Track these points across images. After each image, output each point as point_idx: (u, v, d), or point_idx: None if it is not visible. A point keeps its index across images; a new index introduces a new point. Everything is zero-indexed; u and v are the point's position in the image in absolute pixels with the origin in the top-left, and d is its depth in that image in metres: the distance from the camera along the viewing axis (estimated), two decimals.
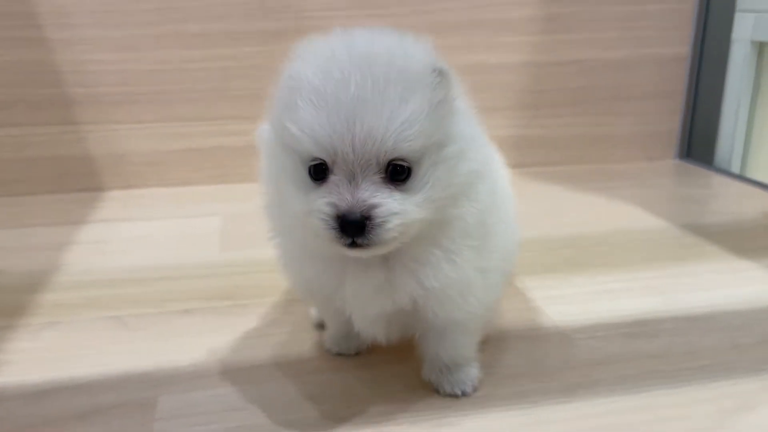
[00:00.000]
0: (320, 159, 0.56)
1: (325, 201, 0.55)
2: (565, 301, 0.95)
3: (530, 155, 1.75)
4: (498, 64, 1.67)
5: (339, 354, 0.80)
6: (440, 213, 0.59)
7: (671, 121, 1.80)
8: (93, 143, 1.52)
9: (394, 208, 0.55)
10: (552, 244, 1.19)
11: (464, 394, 0.71)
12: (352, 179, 0.55)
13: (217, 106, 1.56)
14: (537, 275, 1.04)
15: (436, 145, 0.57)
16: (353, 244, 0.55)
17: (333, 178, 0.55)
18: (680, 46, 1.73)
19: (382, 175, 0.55)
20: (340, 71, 0.54)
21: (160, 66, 1.52)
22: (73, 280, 1.03)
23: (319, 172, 0.56)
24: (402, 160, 0.55)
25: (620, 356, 0.80)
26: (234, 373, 0.77)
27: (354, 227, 0.54)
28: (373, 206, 0.54)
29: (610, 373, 0.77)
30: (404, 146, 0.54)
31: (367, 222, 0.54)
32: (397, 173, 0.56)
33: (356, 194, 0.54)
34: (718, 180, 1.63)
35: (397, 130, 0.54)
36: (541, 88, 1.71)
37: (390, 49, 0.57)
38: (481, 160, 0.62)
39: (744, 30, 1.66)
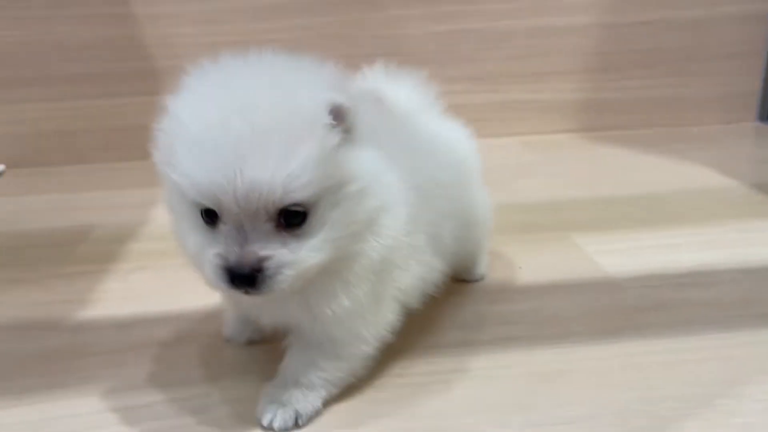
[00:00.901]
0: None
1: (214, 252, 0.52)
2: (620, 254, 0.96)
3: (600, 119, 1.73)
4: (565, 26, 1.66)
5: (228, 340, 0.77)
6: (342, 251, 0.55)
7: (751, 83, 1.73)
8: None
9: (286, 259, 0.51)
10: (613, 202, 1.19)
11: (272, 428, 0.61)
12: (240, 229, 0.51)
13: None
14: (594, 231, 1.06)
15: (335, 186, 0.53)
16: (246, 292, 0.52)
17: (222, 227, 0.52)
18: (760, 2, 1.66)
19: (274, 223, 0.51)
20: (218, 116, 0.50)
21: (237, 38, 1.60)
22: (159, 233, 1.13)
23: (210, 215, 0.52)
24: (295, 205, 0.51)
25: (670, 303, 0.82)
26: None
27: (244, 280, 0.51)
28: (263, 259, 0.51)
29: (657, 318, 0.79)
30: (294, 196, 0.50)
31: (258, 275, 0.51)
32: (291, 218, 0.52)
33: (245, 246, 0.51)
34: None
35: (285, 182, 0.49)
36: (611, 51, 1.69)
37: (276, 89, 0.52)
38: (387, 194, 0.57)
39: None
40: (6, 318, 0.85)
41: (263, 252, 0.51)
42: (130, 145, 1.63)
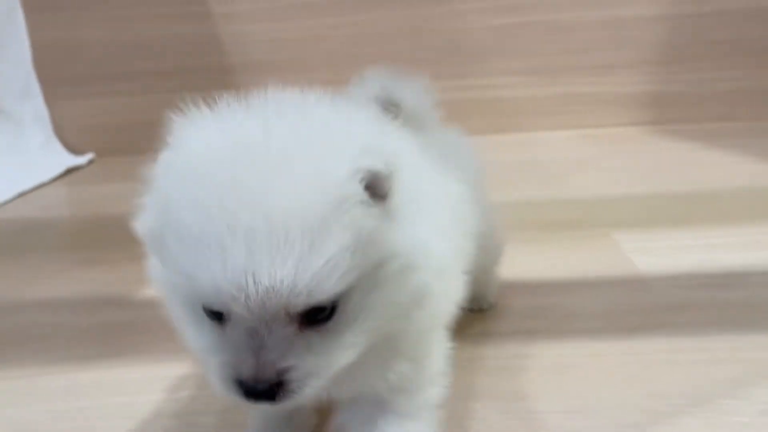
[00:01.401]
0: None
1: (221, 361, 0.42)
2: (656, 253, 0.97)
3: (667, 112, 1.70)
4: (633, 17, 1.64)
5: None
6: (381, 336, 0.46)
7: None
8: None
9: (313, 368, 0.42)
10: (662, 200, 1.19)
11: None
12: (254, 333, 0.41)
13: (352, 70, 1.69)
14: (636, 229, 1.06)
15: (371, 268, 0.43)
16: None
17: (231, 328, 0.42)
18: None
19: (296, 325, 0.41)
20: (220, 202, 0.39)
21: (303, 33, 1.68)
22: None
23: (214, 312, 0.42)
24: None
25: (696, 303, 0.82)
26: None
27: (261, 395, 0.42)
28: (284, 371, 0.41)
29: (680, 317, 0.79)
30: (322, 298, 0.40)
31: (278, 388, 0.41)
32: (316, 314, 0.42)
33: (261, 355, 0.41)
34: None
35: (309, 284, 0.39)
36: (681, 42, 1.65)
37: (295, 160, 0.41)
38: (437, 266, 0.48)
39: None
40: (78, 294, 0.96)
41: (283, 363, 0.41)
42: None
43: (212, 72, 1.71)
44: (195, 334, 0.44)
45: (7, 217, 1.34)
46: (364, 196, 0.41)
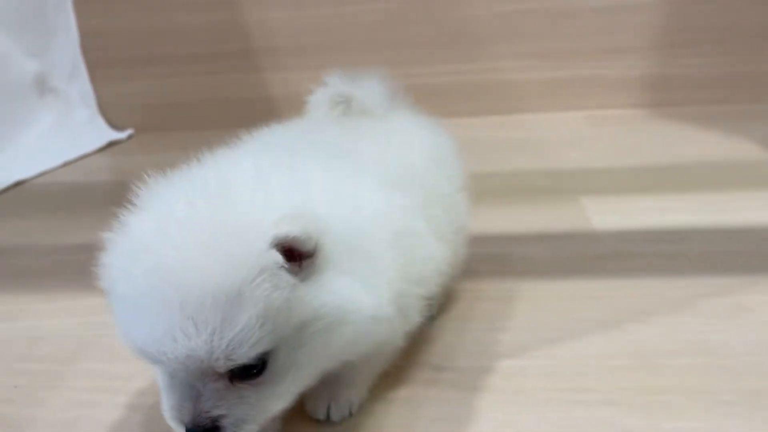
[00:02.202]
0: None
1: (169, 404, 0.47)
2: (615, 215, 1.07)
3: (667, 95, 1.77)
4: (633, 3, 1.72)
5: None
6: (318, 376, 0.52)
7: None
8: (272, 88, 1.88)
9: (245, 415, 0.47)
10: (640, 171, 1.28)
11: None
12: (191, 386, 0.46)
13: (368, 54, 1.82)
14: (605, 195, 1.16)
15: (296, 329, 0.47)
16: None
17: (175, 377, 0.47)
18: None
19: (226, 380, 0.46)
20: (145, 276, 0.44)
21: (323, 20, 1.81)
22: None
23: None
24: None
25: (637, 254, 0.93)
26: None
27: None
28: (219, 417, 0.46)
29: (618, 264, 0.90)
30: (240, 361, 0.45)
31: (217, 428, 0.46)
32: (246, 371, 0.46)
33: (198, 405, 0.46)
34: None
35: (226, 351, 0.44)
36: (680, 27, 1.72)
37: (211, 235, 0.45)
38: (370, 313, 0.50)
39: None
40: None
41: (217, 412, 0.46)
42: (233, 114, 1.91)
43: (239, 56, 1.86)
44: (156, 373, 0.50)
45: (55, 180, 1.53)
46: (277, 266, 0.45)
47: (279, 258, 0.45)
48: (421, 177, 0.67)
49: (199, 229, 0.45)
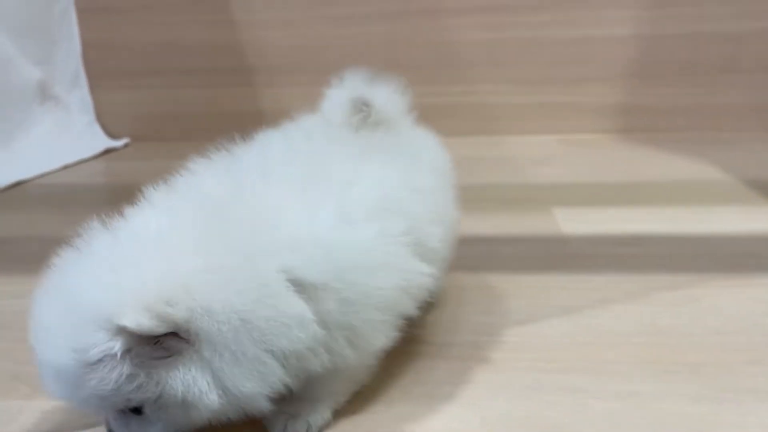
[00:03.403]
0: None
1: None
2: (583, 223, 1.17)
3: (634, 122, 1.89)
4: (603, 37, 1.84)
5: None
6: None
7: None
8: (263, 102, 1.97)
9: None
10: (608, 187, 1.39)
11: None
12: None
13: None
14: (575, 206, 1.26)
15: (146, 399, 0.50)
16: None
17: None
18: None
19: (126, 412, 0.53)
20: (33, 336, 0.51)
21: (315, 41, 1.92)
22: None
23: None
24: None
25: (599, 255, 1.03)
26: None
27: None
28: None
29: (582, 262, 1.00)
30: (102, 409, 0.53)
31: None
32: (129, 410, 0.52)
33: (110, 423, 0.55)
34: None
35: (84, 403, 0.51)
36: (647, 60, 1.85)
37: (58, 334, 0.49)
38: (213, 409, 0.51)
39: None
40: None
41: (122, 429, 0.54)
42: (225, 126, 1.98)
43: (234, 72, 1.96)
44: None
45: (54, 182, 1.60)
46: (115, 350, 0.47)
47: (120, 347, 0.47)
48: (407, 198, 0.66)
49: (58, 306, 0.50)
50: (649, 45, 1.84)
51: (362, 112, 0.74)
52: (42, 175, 1.61)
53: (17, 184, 1.53)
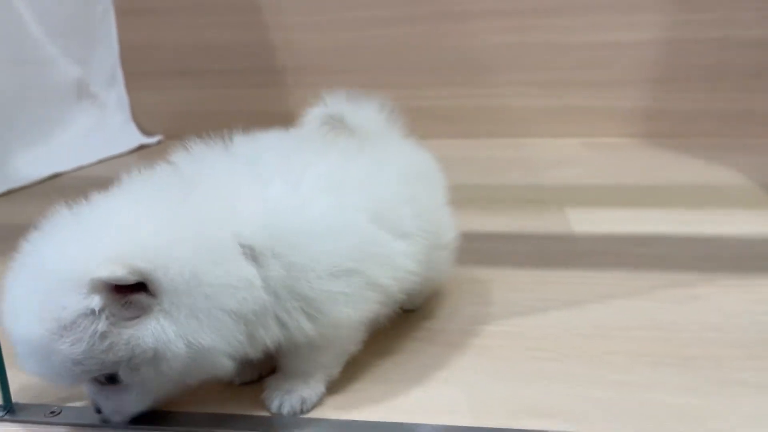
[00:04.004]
0: None
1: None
2: (594, 223, 1.18)
3: (659, 126, 1.89)
4: (629, 41, 1.85)
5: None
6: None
7: None
8: (292, 103, 2.02)
9: (113, 410, 0.58)
10: (624, 189, 1.40)
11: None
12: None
13: (383, 75, 1.97)
14: (587, 207, 1.28)
15: (121, 360, 0.53)
16: None
17: None
18: None
19: (100, 383, 0.56)
20: (6, 316, 0.54)
21: (345, 43, 1.96)
22: None
23: None
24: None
25: (608, 253, 1.04)
26: None
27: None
28: (99, 408, 0.58)
29: (589, 260, 1.02)
30: (73, 384, 0.57)
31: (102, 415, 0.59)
32: (107, 378, 0.55)
33: (90, 394, 0.58)
34: None
35: (56, 379, 0.54)
36: (673, 64, 1.85)
37: (30, 300, 0.52)
38: (197, 348, 0.54)
39: None
40: None
41: (97, 405, 0.58)
42: (255, 125, 2.04)
43: (265, 73, 2.02)
44: None
45: (88, 174, 1.68)
46: (95, 312, 0.51)
47: (94, 303, 0.50)
48: (371, 178, 0.69)
49: (27, 279, 0.53)
50: (675, 49, 1.83)
51: (336, 127, 0.77)
52: (78, 169, 1.69)
53: (54, 176, 1.61)
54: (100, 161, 1.77)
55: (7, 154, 1.58)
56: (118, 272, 0.50)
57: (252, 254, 0.57)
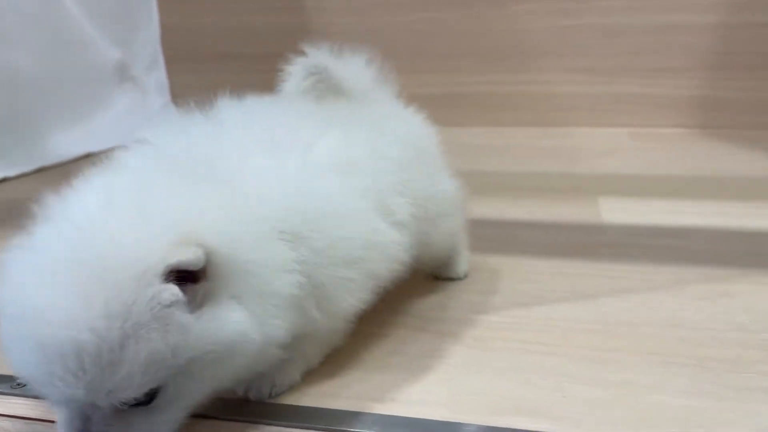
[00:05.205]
0: None
1: (60, 420, 0.46)
2: (626, 213, 1.10)
3: (714, 117, 1.76)
4: (683, 24, 1.73)
5: None
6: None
7: None
8: None
9: None
10: (663, 180, 1.31)
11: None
12: (82, 414, 0.44)
13: (423, 61, 1.91)
14: (622, 197, 1.19)
15: (182, 364, 0.44)
16: None
17: (66, 406, 0.45)
18: None
19: (114, 408, 0.44)
20: (22, 327, 0.42)
21: (383, 27, 1.92)
22: None
23: None
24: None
25: (636, 245, 0.96)
26: None
27: None
28: None
29: (616, 251, 0.94)
30: (124, 399, 0.43)
31: None
32: (135, 401, 0.44)
33: (87, 426, 0.44)
34: None
35: (109, 396, 0.42)
36: (730, 50, 1.73)
37: (88, 293, 0.41)
38: (261, 340, 0.49)
39: None
40: None
41: (110, 429, 0.45)
42: None
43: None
44: None
45: None
46: (169, 305, 0.43)
47: (174, 292, 0.43)
48: (372, 163, 0.65)
49: (73, 273, 0.42)
50: (733, 34, 1.71)
51: (315, 74, 0.75)
52: (111, 149, 1.71)
53: (87, 156, 1.63)
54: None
55: (45, 134, 1.60)
56: (191, 256, 0.43)
57: (288, 237, 0.54)
